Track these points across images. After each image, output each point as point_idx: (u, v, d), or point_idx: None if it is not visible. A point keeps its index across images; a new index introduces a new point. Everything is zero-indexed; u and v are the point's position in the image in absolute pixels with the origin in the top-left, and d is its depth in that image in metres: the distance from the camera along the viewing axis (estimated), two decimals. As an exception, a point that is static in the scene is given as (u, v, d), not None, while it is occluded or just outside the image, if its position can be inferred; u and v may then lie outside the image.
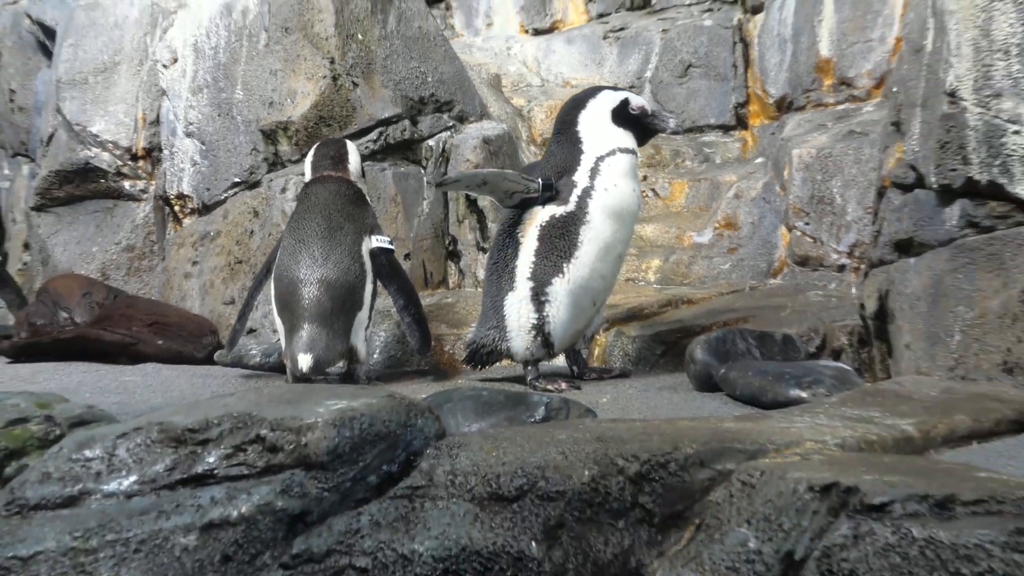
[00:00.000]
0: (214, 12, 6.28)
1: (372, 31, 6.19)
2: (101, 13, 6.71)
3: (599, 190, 4.78)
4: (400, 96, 6.23)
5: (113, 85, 6.54)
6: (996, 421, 4.03)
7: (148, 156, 6.46)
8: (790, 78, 6.70)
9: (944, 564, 2.93)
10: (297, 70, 6.08)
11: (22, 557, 3.25)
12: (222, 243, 6.16)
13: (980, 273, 4.37)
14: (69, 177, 6.66)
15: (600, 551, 3.27)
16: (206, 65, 6.25)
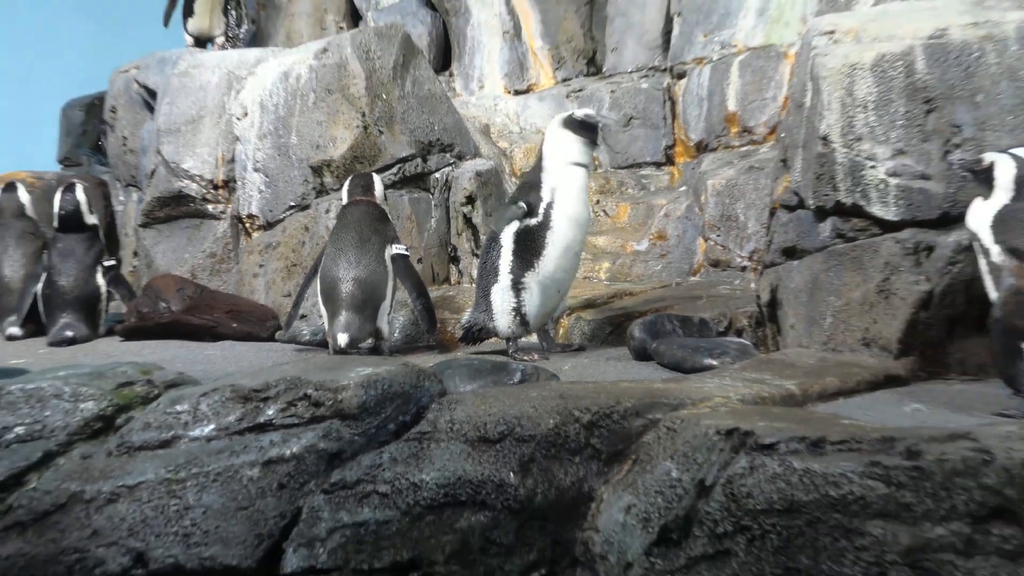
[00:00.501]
0: (275, 77, 6.30)
1: (393, 92, 6.21)
2: (190, 79, 6.73)
3: (559, 203, 4.81)
4: (414, 140, 6.25)
5: (199, 133, 6.55)
6: (857, 382, 4.07)
7: (226, 186, 6.47)
8: (706, 127, 6.74)
9: (817, 487, 2.97)
10: (337, 121, 6.09)
11: (129, 486, 3.29)
12: (281, 251, 6.18)
13: (846, 272, 4.41)
14: (166, 202, 6.66)
15: (561, 479, 3.31)
16: (269, 118, 6.26)
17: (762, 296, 4.87)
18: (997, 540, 2.82)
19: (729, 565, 3.02)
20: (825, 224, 4.48)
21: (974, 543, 2.83)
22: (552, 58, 7.62)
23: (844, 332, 4.40)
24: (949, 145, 4.26)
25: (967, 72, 4.31)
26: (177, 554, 3.18)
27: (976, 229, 3.86)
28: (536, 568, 3.23)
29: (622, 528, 3.18)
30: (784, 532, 2.99)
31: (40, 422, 3.49)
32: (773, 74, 6.50)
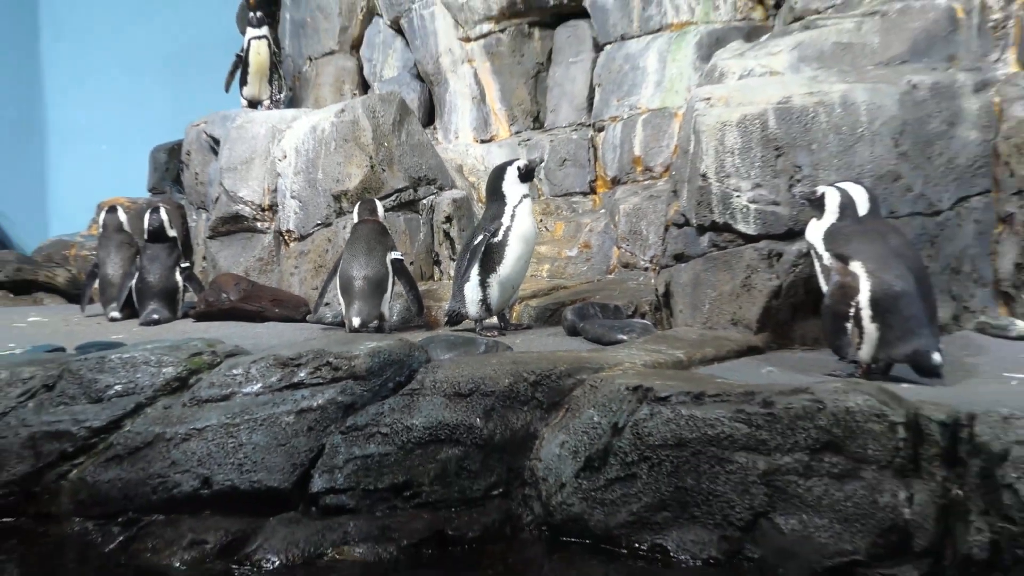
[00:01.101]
0: (306, 130, 6.27)
1: (392, 141, 6.19)
2: (244, 131, 6.69)
3: (514, 227, 4.79)
4: (408, 176, 6.22)
5: (251, 170, 6.51)
6: (727, 351, 4.09)
7: (270, 209, 6.43)
8: (618, 167, 6.72)
9: (698, 428, 2.97)
10: (351, 162, 6.07)
11: (198, 428, 3.27)
12: (310, 256, 6.15)
13: (719, 271, 4.41)
14: (227, 221, 6.62)
15: (514, 423, 3.30)
16: (302, 159, 6.22)
17: (659, 289, 4.87)
18: (827, 466, 2.84)
19: (635, 484, 3.03)
20: (704, 237, 4.48)
21: (811, 468, 2.85)
22: (508, 117, 7.61)
23: (718, 315, 4.42)
24: (792, 180, 4.28)
25: (805, 127, 4.32)
26: (233, 478, 3.16)
27: (812, 241, 3.87)
28: (496, 487, 3.22)
29: (558, 458, 3.18)
30: (675, 460, 2.99)
31: (133, 382, 3.48)
32: (666, 128, 6.51)
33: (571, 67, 7.35)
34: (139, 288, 5.93)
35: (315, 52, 8.51)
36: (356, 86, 8.36)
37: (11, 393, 3.51)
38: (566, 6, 7.35)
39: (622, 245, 6.25)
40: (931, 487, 2.74)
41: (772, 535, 2.82)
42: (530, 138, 7.37)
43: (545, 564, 3.01)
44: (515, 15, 7.51)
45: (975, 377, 3.63)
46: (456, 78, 7.71)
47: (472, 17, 7.61)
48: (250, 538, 3.03)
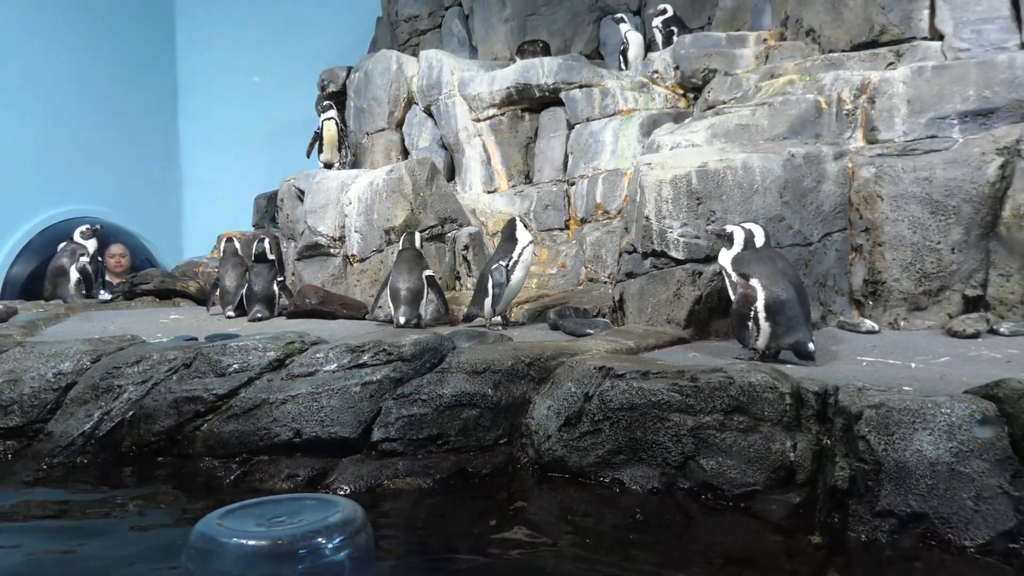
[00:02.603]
0: (365, 184, 6.23)
1: (426, 191, 6.17)
2: (321, 184, 6.60)
3: (520, 260, 4.78)
4: (437, 216, 6.19)
5: (327, 212, 6.44)
6: (664, 341, 4.07)
7: (340, 239, 6.36)
8: (586, 210, 6.68)
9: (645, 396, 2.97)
10: (397, 207, 6.03)
11: (292, 395, 3.24)
12: (368, 273, 6.09)
13: (657, 285, 4.40)
14: (309, 248, 6.54)
15: (515, 392, 3.27)
16: (362, 205, 6.17)
17: (615, 297, 4.84)
18: (736, 423, 2.84)
19: (600, 436, 3.01)
20: (647, 261, 4.47)
21: (725, 424, 2.85)
22: (507, 175, 7.58)
23: (657, 316, 4.40)
24: (709, 221, 4.27)
25: (717, 184, 4.32)
26: (317, 431, 3.13)
27: (723, 264, 3.86)
28: (502, 438, 3.20)
29: (545, 418, 3.16)
30: (629, 419, 2.98)
31: (246, 361, 3.43)
32: (619, 183, 6.50)
33: (551, 140, 7.34)
34: (248, 295, 5.90)
35: (371, 129, 8.48)
36: (399, 153, 8.34)
37: (161, 369, 3.49)
38: (548, 98, 7.34)
39: (588, 266, 6.24)
40: (808, 438, 2.75)
41: (698, 472, 2.82)
42: (523, 190, 7.35)
43: (537, 490, 3.00)
44: (511, 103, 7.51)
45: (838, 360, 3.63)
46: (470, 147, 7.69)
47: (481, 105, 7.61)
48: (329, 472, 3.02)
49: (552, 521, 2.76)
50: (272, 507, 1.58)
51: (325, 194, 6.54)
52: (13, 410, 3.55)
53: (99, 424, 3.41)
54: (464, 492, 2.96)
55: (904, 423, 2.49)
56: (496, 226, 6.79)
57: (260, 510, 1.60)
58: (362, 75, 8.58)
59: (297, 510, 1.59)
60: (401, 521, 2.73)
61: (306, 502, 1.62)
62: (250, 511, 1.59)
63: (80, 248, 7.08)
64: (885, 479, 2.44)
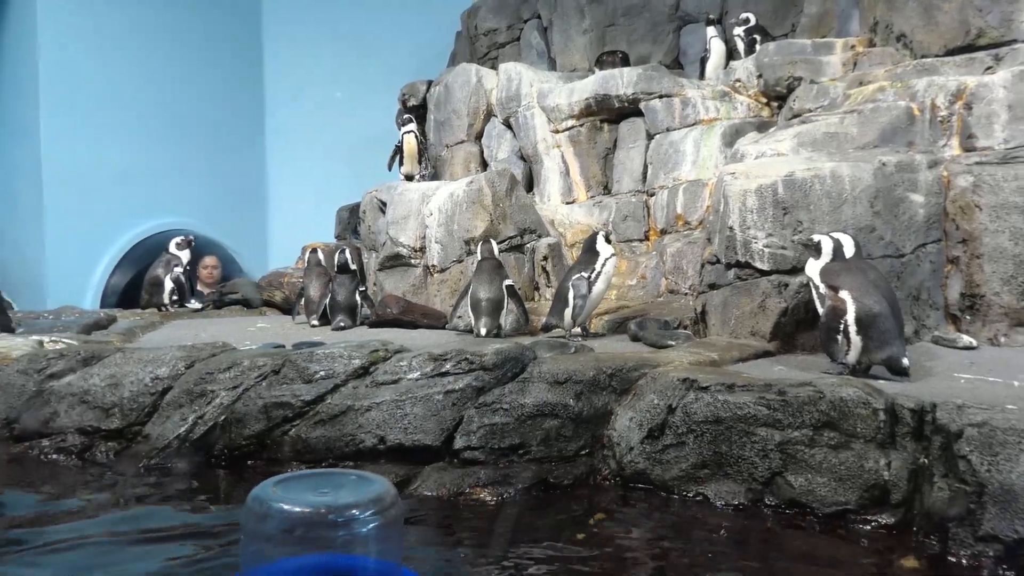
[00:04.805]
0: (446, 195, 6.32)
1: (505, 202, 6.20)
2: (403, 196, 6.75)
3: (602, 273, 4.75)
4: (516, 227, 6.21)
5: (408, 223, 6.56)
6: (748, 354, 3.97)
7: (421, 250, 6.45)
8: (666, 221, 6.59)
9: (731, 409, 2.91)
10: (477, 217, 6.09)
11: (376, 402, 3.30)
12: (448, 283, 6.16)
13: (741, 297, 4.31)
14: (391, 259, 6.66)
15: (596, 403, 3.26)
16: (443, 216, 6.26)
17: (697, 308, 4.77)
18: (826, 439, 2.76)
19: (684, 449, 2.98)
20: (731, 272, 4.39)
21: (814, 440, 2.77)
22: (585, 185, 7.57)
23: (741, 328, 4.31)
24: (795, 232, 4.17)
25: (804, 193, 4.22)
26: (401, 438, 3.18)
27: (811, 275, 3.77)
28: (583, 449, 3.19)
29: (627, 429, 3.14)
30: (713, 432, 2.94)
31: (332, 368, 3.51)
32: (700, 194, 6.40)
33: (630, 151, 7.29)
34: (331, 304, 6.04)
35: (450, 141, 8.60)
36: (478, 165, 8.42)
37: (251, 375, 3.60)
38: (627, 108, 7.30)
39: (668, 277, 6.15)
40: (904, 456, 2.65)
41: (785, 488, 2.75)
42: (601, 201, 7.33)
43: (619, 502, 2.97)
44: (590, 114, 7.50)
45: (933, 377, 3.49)
46: (548, 159, 7.71)
47: (560, 116, 7.62)
48: (412, 479, 3.06)
49: (634, 535, 2.73)
50: (321, 479, 1.86)
51: (406, 205, 6.65)
52: (114, 413, 3.72)
53: (193, 427, 3.55)
54: (545, 502, 2.95)
55: (1009, 443, 2.37)
56: (575, 237, 6.78)
57: (311, 481, 1.86)
58: (442, 88, 8.72)
59: (341, 484, 1.84)
60: (483, 530, 2.75)
61: (350, 477, 1.89)
62: (302, 481, 1.85)
63: (175, 259, 7.39)
64: (989, 502, 2.33)
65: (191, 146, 10.55)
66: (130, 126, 9.90)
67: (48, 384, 3.94)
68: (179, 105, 10.41)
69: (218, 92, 10.97)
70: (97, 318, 6.09)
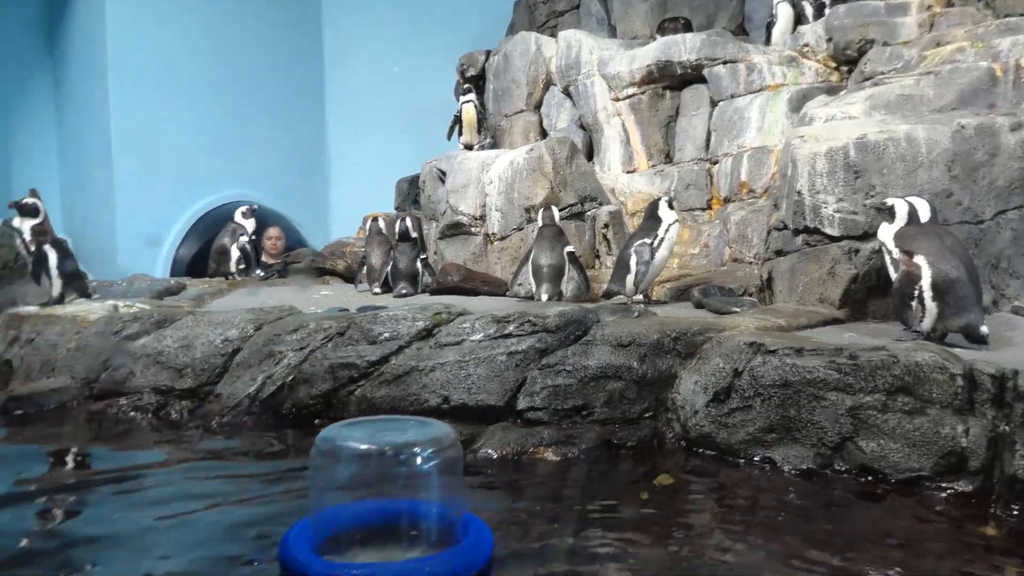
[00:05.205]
0: (505, 163, 6.31)
1: (566, 169, 6.16)
2: (462, 165, 6.76)
3: (665, 239, 4.66)
4: (577, 195, 6.16)
5: (468, 192, 6.57)
6: (817, 321, 3.89)
7: (480, 218, 6.47)
8: (730, 189, 6.45)
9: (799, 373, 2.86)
10: (537, 185, 6.06)
11: (440, 363, 3.33)
12: (508, 251, 6.17)
13: (809, 263, 4.21)
14: (451, 227, 6.69)
15: (660, 366, 3.24)
16: (503, 184, 6.25)
17: (763, 276, 4.68)
18: (900, 404, 2.69)
19: (751, 413, 2.94)
20: (798, 238, 4.29)
21: (887, 405, 2.71)
22: (646, 154, 7.44)
23: (808, 295, 4.22)
24: (867, 196, 4.05)
25: (877, 157, 4.08)
26: (464, 398, 3.22)
27: (884, 240, 3.65)
28: (647, 411, 3.18)
29: (692, 393, 3.11)
30: (781, 396, 2.89)
31: (396, 330, 3.56)
32: (766, 161, 6.24)
33: (693, 118, 7.14)
34: (392, 272, 6.09)
35: (510, 111, 8.55)
36: (538, 134, 8.35)
37: (317, 337, 3.67)
38: (690, 75, 7.14)
39: (732, 245, 6.03)
40: (983, 423, 2.57)
41: (856, 454, 2.70)
42: (663, 169, 7.21)
43: (682, 465, 2.95)
44: (652, 81, 7.36)
45: (1012, 346, 3.35)
46: (609, 127, 7.61)
47: (620, 84, 7.50)
48: (476, 439, 3.09)
49: (698, 497, 2.71)
50: (384, 424, 2.03)
51: (466, 174, 6.65)
52: (187, 373, 3.84)
53: (262, 387, 3.64)
54: (609, 463, 2.95)
55: (1097, 409, 2.28)
56: (635, 206, 6.70)
57: (374, 425, 2.02)
58: (501, 58, 8.66)
59: (403, 428, 1.99)
60: (546, 487, 2.76)
61: (410, 422, 2.06)
62: (366, 425, 2.02)
63: (240, 228, 7.54)
64: (1074, 469, 2.25)
65: (254, 120, 10.74)
66: (195, 101, 10.13)
67: (124, 345, 4.08)
68: (243, 80, 10.59)
69: (280, 66, 11.11)
70: (168, 285, 6.28)
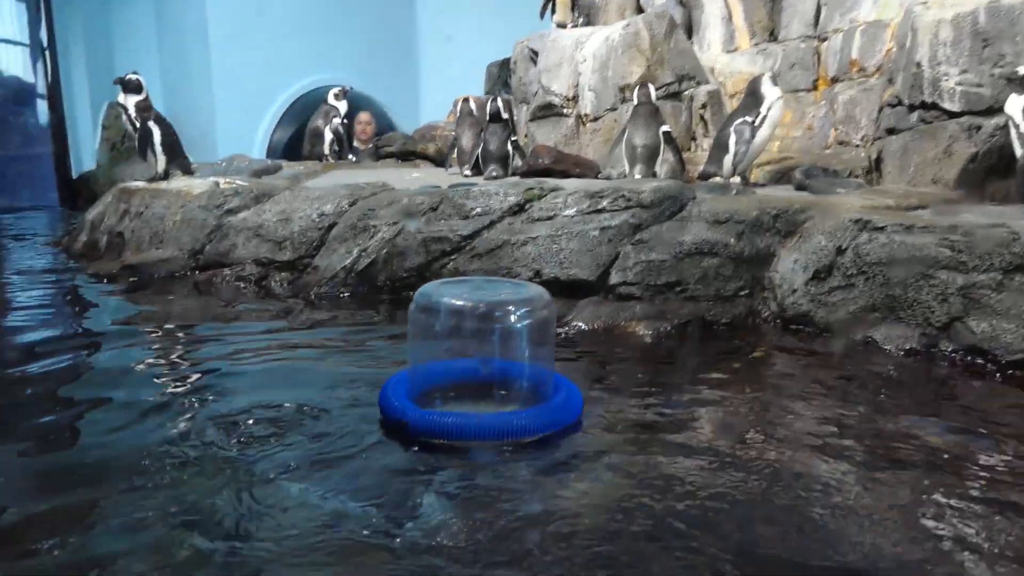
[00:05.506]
0: (600, 40, 6.08)
1: (663, 47, 5.89)
2: (555, 44, 6.57)
3: (767, 117, 4.39)
4: (674, 73, 5.90)
5: (560, 71, 6.40)
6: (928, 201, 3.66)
7: (573, 99, 6.31)
8: (838, 67, 6.01)
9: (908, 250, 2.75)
10: (633, 62, 5.83)
11: (532, 237, 3.33)
12: (601, 133, 6.02)
13: (924, 141, 3.96)
14: (542, 109, 6.57)
15: (758, 243, 3.16)
16: (597, 62, 6.04)
17: (871, 156, 4.44)
18: (1016, 284, 2.55)
19: (853, 292, 2.85)
20: (914, 114, 4.02)
21: (1003, 284, 2.57)
22: (749, 32, 7.01)
23: (921, 176, 3.99)
24: (996, 67, 3.72)
25: (1011, 23, 3.73)
26: (556, 272, 3.23)
27: (1012, 113, 3.39)
28: (743, 289, 3.12)
29: (791, 271, 3.03)
30: (886, 274, 2.78)
31: (488, 205, 3.57)
32: (880, 36, 5.77)
33: (802, -9, 6.68)
34: (483, 154, 6.04)
35: (604, -13, 8.20)
36: (633, 11, 7.97)
37: (410, 212, 3.72)
38: (801, -58, 6.65)
39: (838, 127, 5.69)
40: (1109, 304, 2.41)
41: (964, 334, 2.58)
42: (766, 48, 6.78)
43: (777, 343, 2.90)
44: (759, -49, 6.90)
45: None
46: (709, 2, 7.15)
47: (725, -46, 7.05)
48: (568, 312, 3.11)
49: (793, 373, 2.67)
50: (479, 283, 2.10)
51: (559, 52, 6.45)
52: (286, 246, 3.97)
53: (357, 260, 3.73)
54: (701, 339, 2.93)
55: None
56: (735, 87, 6.36)
57: (471, 283, 2.09)
58: (597, -70, 8.24)
59: (498, 287, 2.05)
60: (637, 360, 2.77)
61: (506, 283, 2.12)
62: (464, 283, 2.09)
63: (333, 110, 7.61)
64: None
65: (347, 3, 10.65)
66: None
67: (226, 219, 4.24)
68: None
69: (371, -53, 10.92)
70: (265, 165, 6.45)
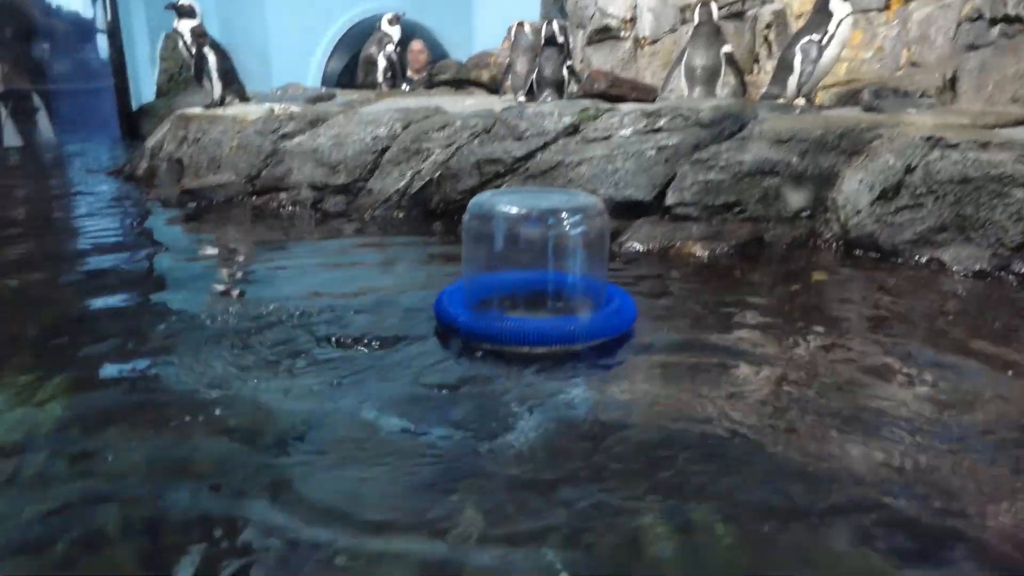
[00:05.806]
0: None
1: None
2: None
3: (836, 35, 4.18)
4: (738, -8, 5.70)
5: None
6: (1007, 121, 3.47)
7: (631, 22, 6.14)
8: (914, -15, 5.72)
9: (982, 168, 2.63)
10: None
11: (587, 158, 3.29)
12: (660, 56, 5.87)
13: (1007, 57, 3.75)
14: (599, 32, 6.42)
15: (822, 163, 3.05)
16: (655, -15, 5.85)
17: (947, 75, 4.23)
18: (1101, 202, 2.41)
19: (921, 212, 2.75)
20: (995, 28, 3.81)
21: (1085, 202, 2.43)
22: (819, -53, 6.69)
23: (999, 94, 3.79)
24: (1089, -25, 3.49)
25: (1109, -74, 3.47)
26: (611, 192, 3.17)
27: (1104, 24, 3.17)
28: (803, 211, 3.03)
29: (856, 192, 2.93)
30: (958, 194, 2.67)
31: (542, 126, 3.52)
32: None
33: (879, -97, 6.29)
34: (538, 80, 5.91)
35: (666, -96, 7.87)
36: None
37: (464, 134, 3.70)
38: None
39: (912, 47, 5.41)
40: None
41: (1039, 254, 2.48)
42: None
43: (839, 265, 2.82)
44: None
45: None
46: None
47: None
48: (623, 232, 3.08)
49: (856, 294, 2.60)
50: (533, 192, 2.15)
51: (619, -26, 6.25)
52: (340, 169, 3.99)
53: (411, 183, 3.73)
54: (759, 260, 2.87)
55: None
56: (802, 7, 6.05)
57: (524, 194, 2.08)
58: None
59: (551, 197, 2.03)
60: (693, 279, 2.73)
61: (560, 192, 2.09)
62: (518, 193, 2.12)
63: (387, 37, 7.53)
64: None
65: (398, -75, 10.44)
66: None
67: (281, 144, 4.27)
68: None
69: None
70: (319, 93, 6.44)
